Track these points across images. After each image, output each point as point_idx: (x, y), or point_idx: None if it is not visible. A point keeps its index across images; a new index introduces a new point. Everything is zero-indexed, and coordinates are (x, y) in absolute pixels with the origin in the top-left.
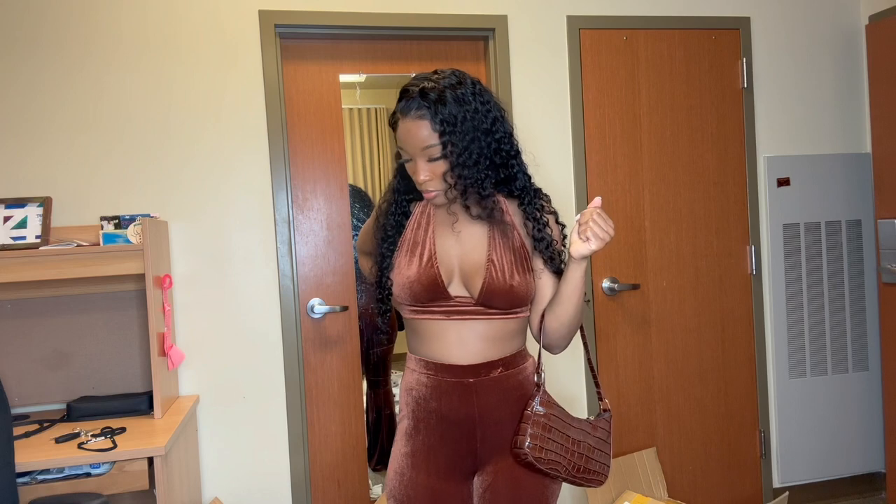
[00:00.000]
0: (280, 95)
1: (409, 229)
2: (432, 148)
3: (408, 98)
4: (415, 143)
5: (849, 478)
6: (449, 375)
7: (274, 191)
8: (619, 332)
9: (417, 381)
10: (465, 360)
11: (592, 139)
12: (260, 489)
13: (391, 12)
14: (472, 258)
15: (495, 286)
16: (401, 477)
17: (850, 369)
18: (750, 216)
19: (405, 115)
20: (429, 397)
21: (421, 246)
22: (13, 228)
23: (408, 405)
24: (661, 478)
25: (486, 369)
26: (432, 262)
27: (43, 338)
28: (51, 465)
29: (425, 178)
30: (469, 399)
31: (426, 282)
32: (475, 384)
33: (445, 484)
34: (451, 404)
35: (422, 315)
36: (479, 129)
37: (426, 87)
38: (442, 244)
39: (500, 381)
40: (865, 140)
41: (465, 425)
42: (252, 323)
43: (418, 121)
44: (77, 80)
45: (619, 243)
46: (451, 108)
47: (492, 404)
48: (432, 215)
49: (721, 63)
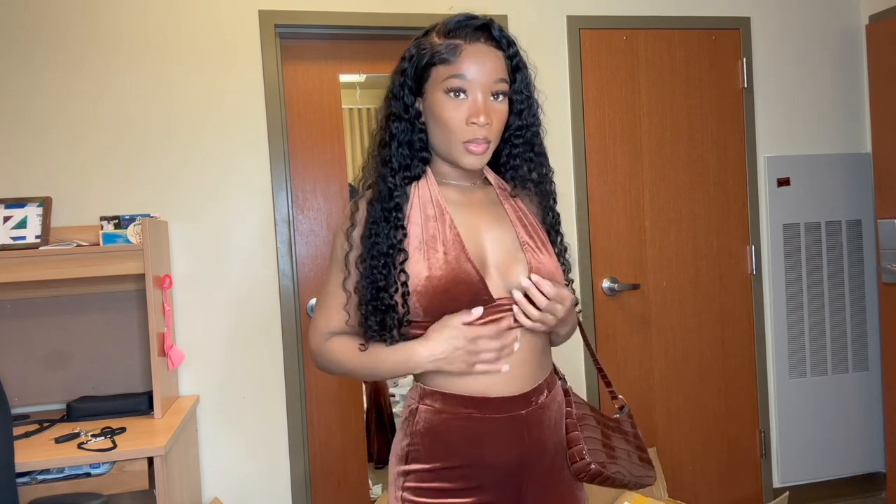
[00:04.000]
0: (280, 95)
1: (412, 222)
2: (504, 83)
3: (479, 21)
4: (489, 71)
5: (849, 478)
6: (498, 411)
7: (274, 191)
8: (619, 332)
9: (450, 424)
10: (517, 388)
11: (592, 139)
12: (260, 489)
13: (391, 12)
14: (505, 245)
15: (544, 271)
16: None
17: (850, 369)
18: (750, 216)
19: (475, 39)
20: (467, 441)
21: (441, 239)
22: (13, 228)
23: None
24: (661, 478)
25: (535, 395)
26: (463, 255)
27: (43, 338)
28: (51, 465)
29: (487, 121)
30: (520, 436)
31: (464, 279)
32: (527, 417)
33: None
34: (497, 448)
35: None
36: (534, 96)
37: (497, 22)
38: (465, 232)
39: (547, 408)
40: (865, 140)
41: (513, 471)
42: (252, 323)
43: (495, 49)
44: (77, 81)
45: (620, 243)
46: (521, 55)
47: (540, 438)
48: (442, 201)
49: (721, 63)
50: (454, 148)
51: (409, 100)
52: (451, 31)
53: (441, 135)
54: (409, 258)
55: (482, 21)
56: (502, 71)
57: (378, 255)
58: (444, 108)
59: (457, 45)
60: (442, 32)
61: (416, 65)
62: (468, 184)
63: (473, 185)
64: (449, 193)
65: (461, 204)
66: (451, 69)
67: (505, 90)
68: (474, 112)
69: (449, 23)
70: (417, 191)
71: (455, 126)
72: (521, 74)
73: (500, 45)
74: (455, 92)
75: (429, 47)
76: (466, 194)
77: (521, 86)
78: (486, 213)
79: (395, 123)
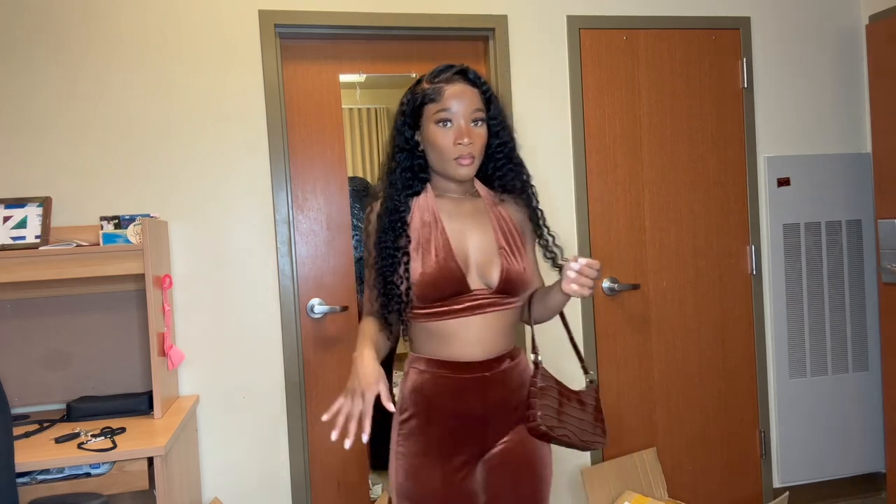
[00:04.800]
0: (280, 95)
1: (413, 228)
2: (480, 112)
3: (457, 68)
4: (467, 104)
5: (849, 478)
6: (466, 372)
7: (274, 191)
8: (619, 332)
9: (432, 382)
10: (483, 356)
11: (592, 139)
12: (260, 489)
13: (391, 12)
14: (485, 248)
15: (514, 272)
16: (415, 477)
17: (850, 369)
18: (750, 216)
19: (454, 81)
20: (444, 395)
21: (433, 242)
22: (13, 228)
23: (418, 405)
24: (661, 478)
25: (497, 362)
26: (450, 256)
27: (43, 338)
28: (51, 465)
29: (470, 141)
30: (484, 393)
31: (449, 276)
32: (490, 378)
33: (458, 476)
34: (467, 400)
35: (438, 317)
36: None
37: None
38: (453, 237)
39: (508, 372)
40: (865, 140)
41: (480, 418)
42: (252, 323)
43: (471, 87)
44: (77, 81)
45: (620, 243)
46: (493, 91)
47: (502, 395)
48: (437, 211)
49: (721, 63)
50: (448, 164)
51: (409, 133)
52: (436, 77)
53: (436, 156)
54: (409, 258)
55: (459, 67)
56: (478, 103)
57: (387, 257)
58: (437, 135)
59: (441, 88)
60: (429, 80)
61: (412, 106)
62: (461, 196)
63: (465, 197)
64: (444, 205)
65: (453, 214)
66: (438, 106)
67: (482, 117)
68: (459, 135)
69: (434, 72)
70: (418, 203)
71: (446, 147)
72: (494, 105)
73: (476, 84)
74: (443, 122)
75: (420, 92)
76: (458, 205)
77: (495, 113)
78: (472, 222)
79: (398, 154)
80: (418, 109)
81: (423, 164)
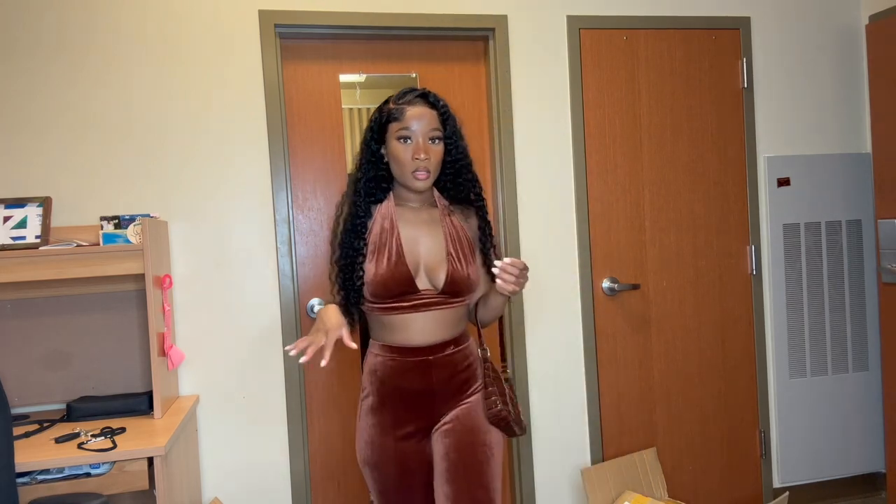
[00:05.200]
0: (280, 95)
1: (373, 232)
2: (437, 131)
3: (419, 92)
4: (425, 124)
5: (849, 478)
6: (412, 356)
7: (274, 191)
8: (619, 332)
9: (382, 364)
10: (426, 342)
11: (592, 139)
12: (260, 489)
13: (391, 12)
14: (434, 253)
15: (458, 276)
16: (371, 444)
17: (850, 369)
18: (750, 216)
19: (415, 103)
20: (393, 375)
21: (388, 246)
22: (13, 228)
23: (372, 384)
24: (661, 478)
25: (441, 348)
26: (401, 260)
27: (43, 338)
28: (51, 465)
29: (426, 157)
30: (429, 373)
31: (399, 278)
32: (433, 361)
33: (410, 444)
34: (413, 379)
35: (389, 312)
36: (460, 136)
37: (432, 92)
38: (406, 243)
39: (452, 357)
40: (865, 140)
41: (426, 395)
42: (252, 323)
43: (430, 109)
44: (77, 81)
45: (620, 243)
46: (450, 112)
47: (447, 375)
48: (395, 218)
49: (721, 63)
50: (406, 176)
51: (375, 147)
52: (400, 99)
53: (397, 168)
54: (366, 259)
55: (420, 91)
56: (435, 122)
57: (347, 257)
58: (398, 150)
59: (403, 108)
60: (394, 101)
61: (378, 123)
62: (419, 205)
63: (423, 206)
64: (403, 212)
65: (409, 221)
66: (400, 124)
67: (439, 136)
68: (416, 151)
69: (399, 94)
70: (380, 210)
71: (405, 161)
72: (450, 124)
73: (434, 106)
74: (404, 139)
75: (386, 111)
76: (416, 213)
77: (450, 132)
78: (426, 229)
79: (364, 165)
80: (384, 126)
81: (385, 176)
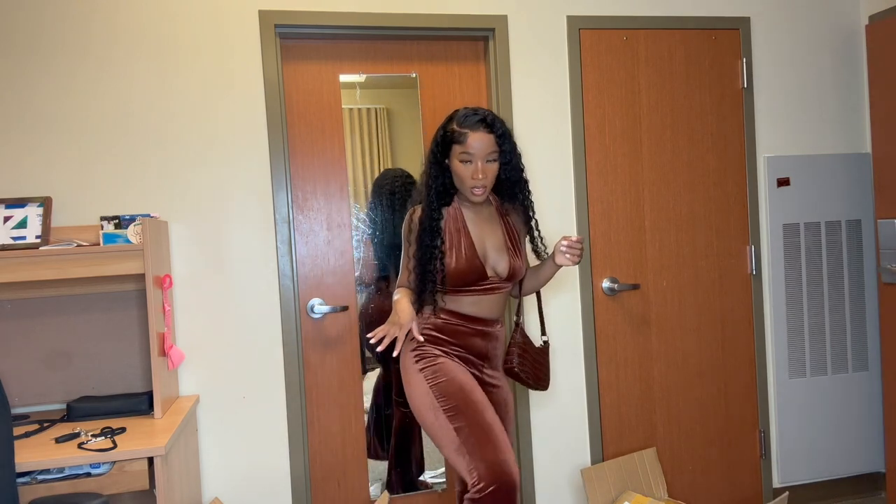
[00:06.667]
0: (280, 95)
1: (446, 231)
2: (494, 154)
3: (480, 116)
4: (483, 148)
5: (849, 478)
6: (478, 325)
7: (274, 191)
8: (619, 332)
9: (453, 327)
10: (486, 316)
11: (592, 139)
12: (260, 489)
13: (391, 12)
14: (497, 247)
15: (516, 266)
16: (443, 371)
17: (850, 369)
18: (750, 216)
19: (477, 128)
20: (461, 335)
21: (462, 244)
22: (13, 228)
23: (438, 338)
24: (661, 478)
25: (493, 323)
26: (475, 255)
27: (43, 338)
28: (51, 465)
29: (483, 176)
30: (487, 340)
31: (474, 270)
32: (492, 333)
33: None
34: (475, 342)
35: (464, 294)
36: (516, 153)
37: (492, 115)
38: (476, 239)
39: (501, 332)
40: (865, 140)
41: (482, 356)
42: (252, 323)
43: (488, 134)
44: (77, 80)
45: (620, 243)
46: (506, 132)
47: (493, 345)
48: (464, 219)
49: (721, 63)
50: (466, 191)
51: (440, 159)
52: (463, 123)
53: (459, 182)
54: (444, 254)
55: (481, 116)
56: (493, 146)
57: (427, 252)
58: (460, 168)
59: (466, 134)
60: (458, 123)
61: (443, 141)
62: (479, 204)
63: (482, 205)
64: (467, 212)
65: (474, 220)
66: (462, 148)
67: (495, 157)
68: (475, 172)
69: (462, 116)
70: (449, 211)
71: (465, 179)
72: (507, 142)
73: (493, 130)
74: (465, 161)
75: (451, 131)
76: (478, 212)
77: (507, 149)
78: (488, 226)
79: (433, 175)
80: (448, 145)
81: (450, 183)
